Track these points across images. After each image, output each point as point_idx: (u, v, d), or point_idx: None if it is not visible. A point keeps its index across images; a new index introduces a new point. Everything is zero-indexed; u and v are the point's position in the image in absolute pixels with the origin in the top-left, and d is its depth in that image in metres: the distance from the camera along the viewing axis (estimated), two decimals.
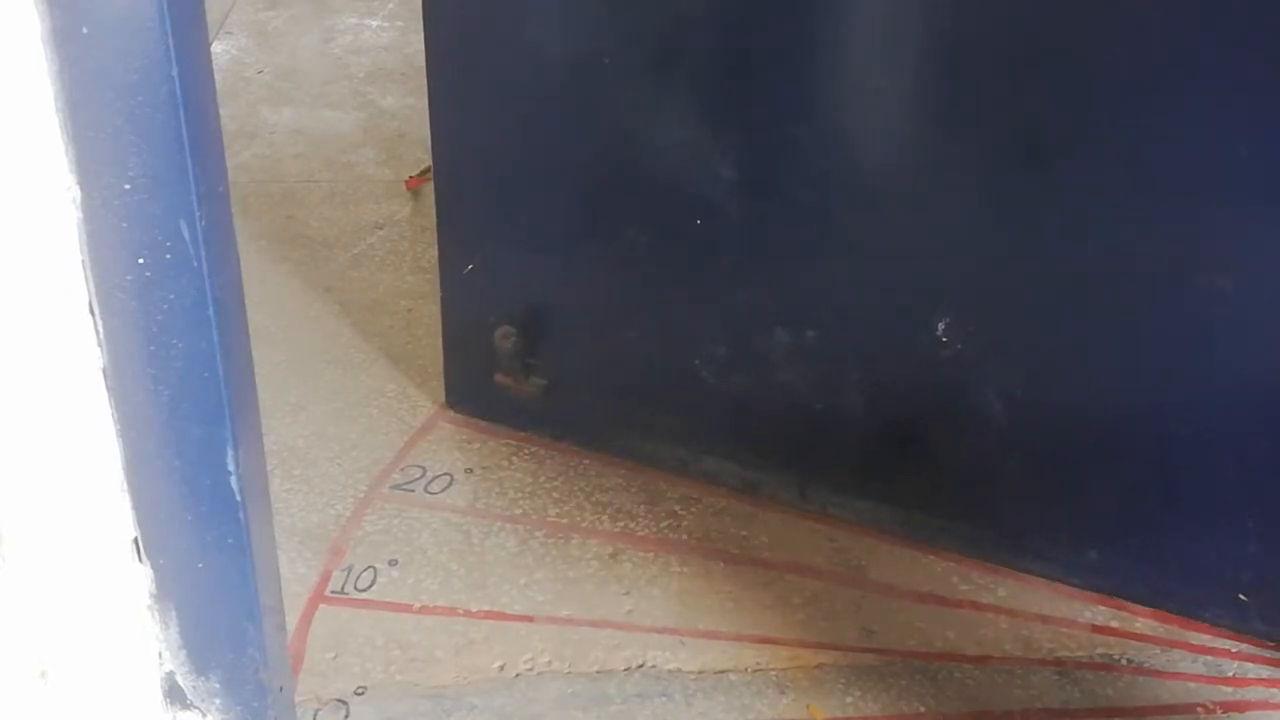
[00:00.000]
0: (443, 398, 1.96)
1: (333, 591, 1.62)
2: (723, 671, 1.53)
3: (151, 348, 1.01)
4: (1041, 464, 1.63)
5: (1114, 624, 1.61)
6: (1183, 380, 1.52)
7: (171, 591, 1.14)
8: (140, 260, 0.97)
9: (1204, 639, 1.60)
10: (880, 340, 1.65)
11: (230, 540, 1.10)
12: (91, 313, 1.01)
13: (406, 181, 2.64)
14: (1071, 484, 1.62)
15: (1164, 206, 1.45)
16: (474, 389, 1.91)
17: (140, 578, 1.13)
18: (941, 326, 1.58)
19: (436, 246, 1.86)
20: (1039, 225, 1.52)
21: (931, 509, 1.71)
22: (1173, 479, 1.57)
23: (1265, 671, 1.56)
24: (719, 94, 1.61)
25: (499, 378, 1.85)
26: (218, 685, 1.18)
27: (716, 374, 1.74)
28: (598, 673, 1.52)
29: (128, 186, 0.94)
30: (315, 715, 1.45)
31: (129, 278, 0.98)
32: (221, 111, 1.04)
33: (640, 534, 1.73)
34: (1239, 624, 1.61)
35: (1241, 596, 1.60)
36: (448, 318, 1.90)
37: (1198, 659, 1.57)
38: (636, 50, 1.62)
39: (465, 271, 1.82)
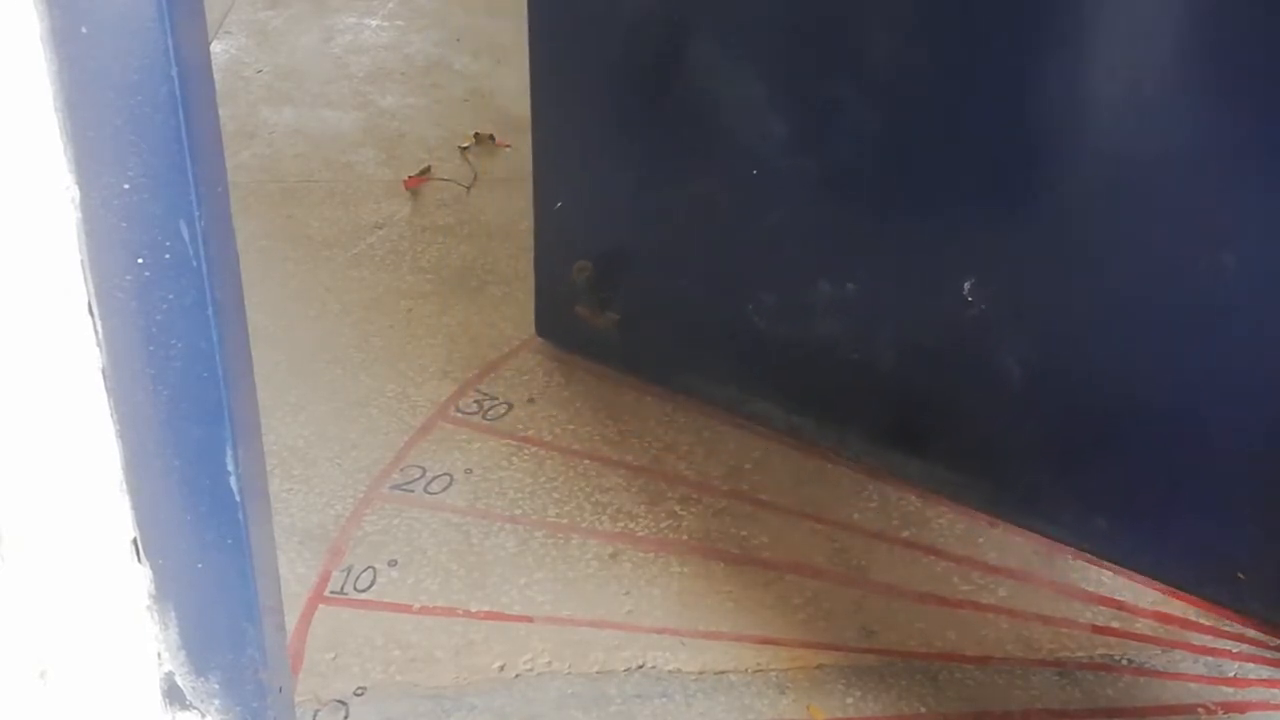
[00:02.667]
0: (445, 395, 1.97)
1: (332, 591, 1.62)
2: (723, 671, 1.53)
3: (151, 348, 1.01)
4: (1055, 430, 1.68)
5: (1114, 624, 1.61)
6: (1188, 357, 1.55)
7: (171, 591, 1.14)
8: (140, 260, 0.97)
9: (1204, 639, 1.59)
10: (911, 297, 1.72)
11: (230, 540, 1.10)
12: (91, 313, 1.01)
13: (406, 181, 2.64)
14: (1082, 452, 1.67)
15: (1168, 182, 1.49)
16: (558, 320, 2.07)
17: (140, 578, 1.13)
18: (967, 286, 1.64)
19: (532, 183, 2.00)
20: (1054, 195, 1.57)
21: (955, 465, 1.77)
22: (1178, 454, 1.60)
23: (1265, 672, 1.56)
24: (775, 54, 1.71)
25: (578, 310, 2.00)
26: (217, 685, 1.18)
27: (767, 320, 1.84)
28: (598, 673, 1.52)
29: (128, 186, 0.94)
30: (315, 715, 1.45)
31: (129, 278, 0.98)
32: (221, 111, 1.04)
33: (640, 534, 1.73)
34: (1237, 603, 1.63)
35: (1240, 575, 1.61)
36: (539, 252, 2.06)
37: (1198, 659, 1.57)
38: (707, 14, 1.73)
39: (555, 208, 1.97)
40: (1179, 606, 1.64)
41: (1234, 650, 1.58)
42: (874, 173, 1.70)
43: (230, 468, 1.06)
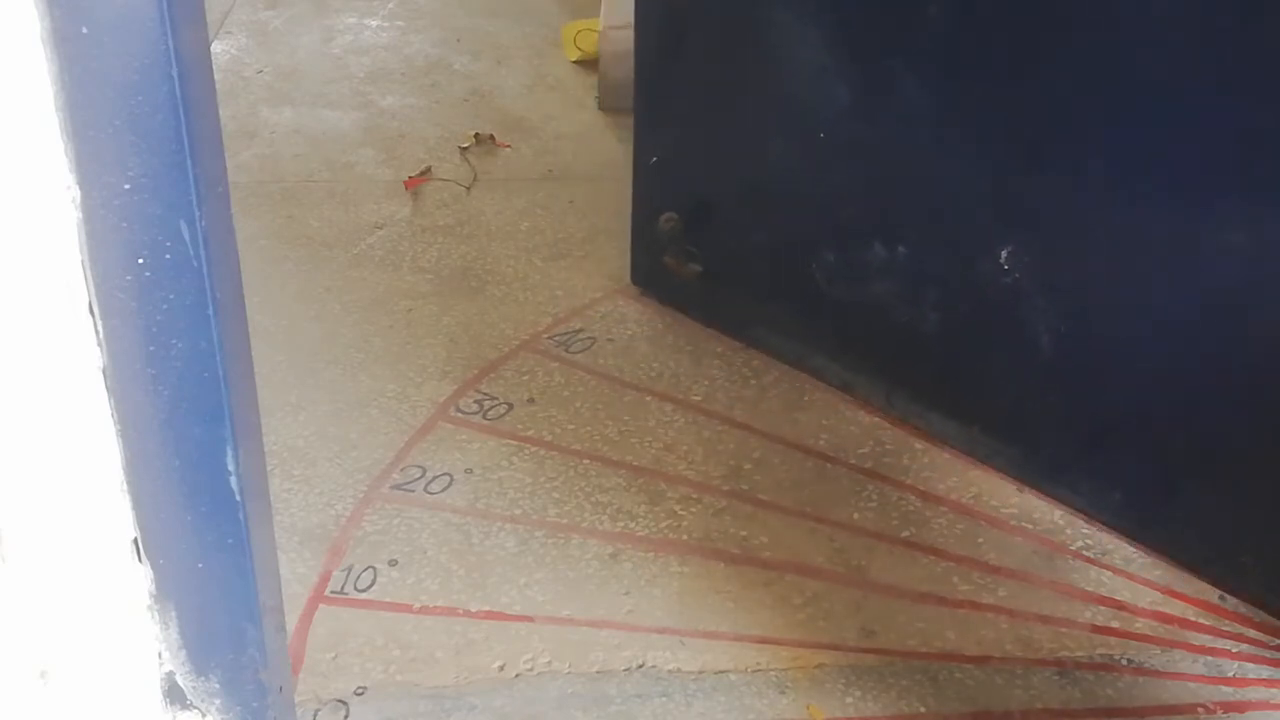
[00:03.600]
0: (445, 395, 1.97)
1: (333, 591, 1.62)
2: (723, 671, 1.53)
3: (151, 348, 1.01)
4: (1079, 401, 1.74)
5: (1114, 624, 1.61)
6: (1206, 338, 1.59)
7: (171, 591, 1.14)
8: (140, 260, 0.97)
9: (1204, 639, 1.60)
10: (954, 262, 1.80)
11: (230, 540, 1.10)
12: (91, 313, 1.01)
13: (406, 181, 2.64)
14: (1103, 426, 1.73)
15: (1188, 164, 1.53)
16: (650, 269, 2.23)
17: (140, 578, 1.13)
18: (1004, 254, 1.71)
19: (633, 139, 2.17)
20: (1084, 172, 1.62)
21: (989, 429, 1.85)
22: (1193, 435, 1.64)
23: (1265, 671, 1.56)
24: (840, 24, 1.83)
25: (666, 260, 2.15)
26: (218, 685, 1.18)
27: (827, 279, 1.97)
28: (598, 673, 1.52)
29: (128, 186, 0.94)
30: (315, 715, 1.45)
31: (129, 278, 0.98)
32: (221, 111, 1.04)
33: (640, 534, 1.73)
34: (1239, 585, 1.65)
35: (1244, 559, 1.64)
36: (636, 204, 2.21)
37: (1198, 659, 1.57)
38: None
39: (650, 163, 2.14)
40: (1179, 606, 1.64)
41: (1234, 650, 1.58)
42: (924, 139, 1.79)
43: (230, 468, 1.06)
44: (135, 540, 1.12)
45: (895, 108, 1.80)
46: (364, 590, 1.62)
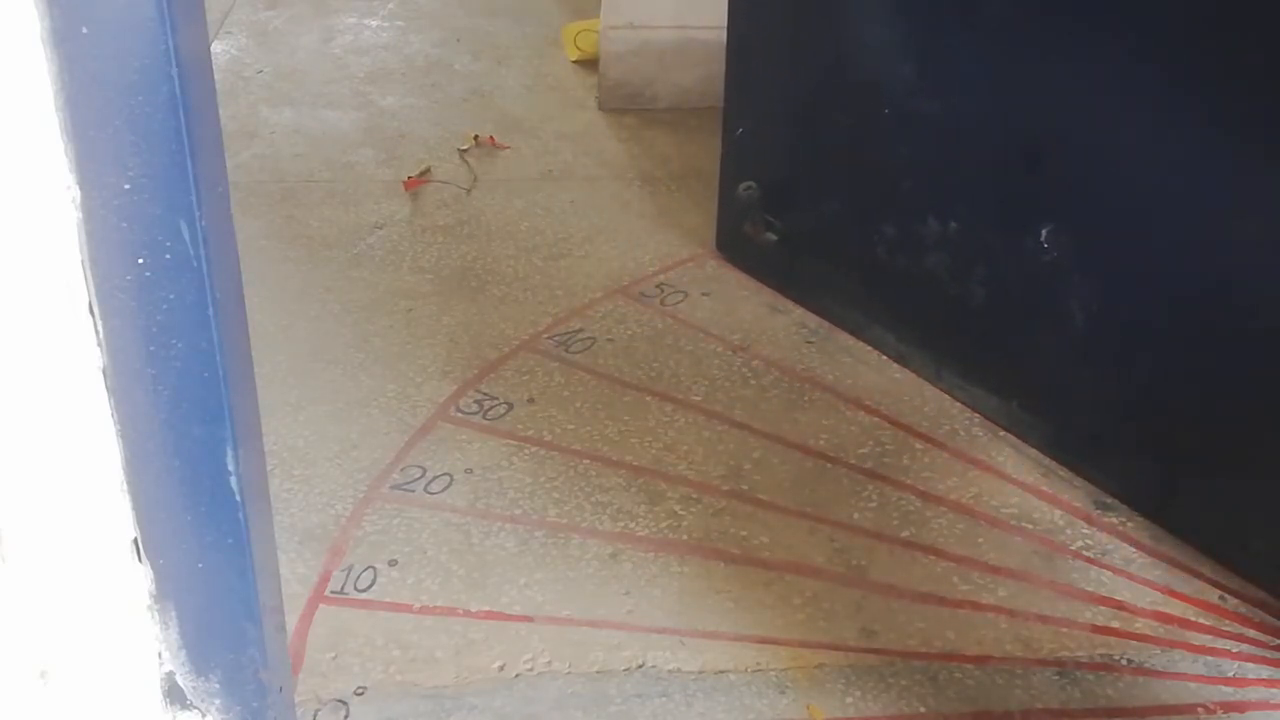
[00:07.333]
0: (445, 395, 1.97)
1: (333, 591, 1.62)
2: (723, 671, 1.53)
3: (151, 348, 1.01)
4: (1108, 381, 1.80)
5: (1114, 624, 1.61)
6: (1230, 320, 1.62)
7: (171, 591, 1.14)
8: (140, 260, 0.97)
9: (1204, 639, 1.60)
10: (999, 239, 1.88)
11: (230, 540, 1.10)
12: (91, 313, 1.01)
13: (405, 182, 2.64)
14: (1130, 405, 1.77)
15: (1204, 162, 1.58)
16: (732, 237, 2.34)
17: (140, 578, 1.13)
18: (1044, 233, 1.77)
19: (722, 111, 2.29)
20: (1115, 160, 1.68)
21: (1026, 404, 1.90)
22: (1213, 418, 1.67)
23: (1265, 671, 1.56)
24: (901, 4, 1.94)
25: (745, 228, 2.27)
26: (218, 685, 1.18)
27: (886, 251, 2.04)
28: (598, 673, 1.52)
29: (128, 186, 0.94)
30: (315, 715, 1.45)
31: (129, 278, 0.98)
32: (222, 111, 1.04)
33: (640, 534, 1.73)
34: (1244, 567, 1.68)
35: (1251, 541, 1.66)
36: (723, 175, 2.32)
37: (1198, 659, 1.57)
38: None
39: (737, 134, 2.25)
40: (1179, 606, 1.64)
41: (1233, 650, 1.58)
42: (973, 116, 1.86)
43: (231, 468, 1.06)
44: (135, 540, 1.12)
45: (950, 87, 1.87)
46: (364, 590, 1.62)
